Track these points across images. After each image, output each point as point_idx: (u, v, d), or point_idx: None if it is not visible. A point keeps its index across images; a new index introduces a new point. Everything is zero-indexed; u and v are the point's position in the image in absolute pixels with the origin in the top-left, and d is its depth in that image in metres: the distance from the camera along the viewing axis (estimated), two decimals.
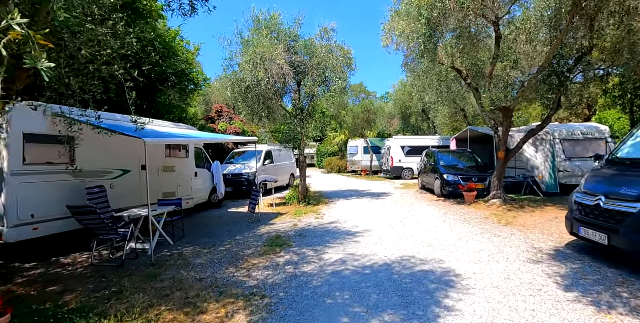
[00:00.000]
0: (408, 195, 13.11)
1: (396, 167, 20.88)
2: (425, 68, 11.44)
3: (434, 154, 13.61)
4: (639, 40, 8.54)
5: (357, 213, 9.54)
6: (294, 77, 10.58)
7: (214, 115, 16.57)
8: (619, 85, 13.29)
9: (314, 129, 11.11)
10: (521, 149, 10.74)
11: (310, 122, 11.20)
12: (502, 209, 9.53)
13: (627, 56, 9.10)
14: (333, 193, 14.33)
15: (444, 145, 20.75)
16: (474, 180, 11.28)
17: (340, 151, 33.49)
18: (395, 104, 23.43)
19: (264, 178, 11.39)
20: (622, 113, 22.28)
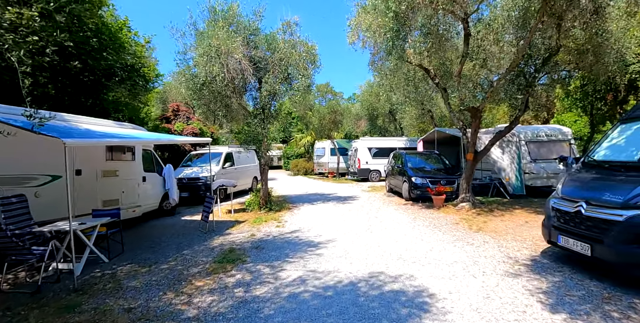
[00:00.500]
0: (375, 199, 12.62)
1: (363, 169, 20.47)
2: (393, 67, 11.00)
3: (402, 156, 13.22)
4: (605, 41, 8.45)
5: (321, 220, 8.88)
6: (254, 74, 9.80)
7: (170, 115, 15.43)
8: (580, 88, 13.45)
9: (277, 130, 10.34)
10: (489, 150, 10.48)
11: (272, 123, 10.43)
12: (471, 213, 9.18)
13: (591, 58, 9.03)
14: (298, 198, 13.62)
15: (411, 146, 20.57)
16: (442, 183, 10.93)
17: (307, 153, 32.84)
18: (362, 105, 23.07)
19: (221, 182, 10.50)
20: (578, 116, 23.05)
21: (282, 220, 9.06)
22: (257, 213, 10.15)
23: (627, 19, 8.99)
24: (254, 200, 10.90)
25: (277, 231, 7.80)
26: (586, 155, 5.77)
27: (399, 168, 12.76)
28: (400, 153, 13.85)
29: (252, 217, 9.56)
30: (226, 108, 10.38)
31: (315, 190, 16.49)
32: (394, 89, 12.19)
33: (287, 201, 12.66)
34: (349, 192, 15.00)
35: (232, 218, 9.67)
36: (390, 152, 20.84)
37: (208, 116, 10.61)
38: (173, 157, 15.29)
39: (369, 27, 8.85)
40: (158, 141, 9.84)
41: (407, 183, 11.59)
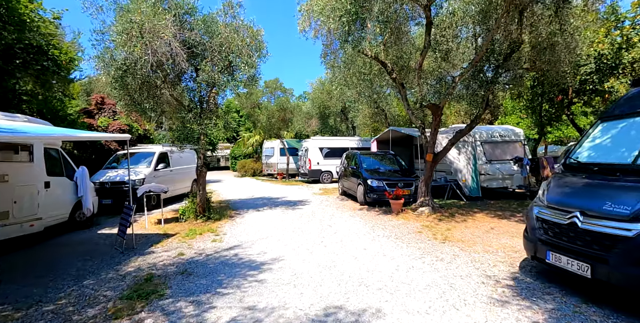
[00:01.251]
0: (328, 203, 11.60)
1: (314, 170, 19.45)
2: (347, 59, 10.07)
3: (356, 157, 12.34)
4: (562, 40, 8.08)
5: (267, 231, 7.64)
6: (188, 60, 8.33)
7: (92, 109, 13.31)
8: (530, 89, 13.41)
9: (216, 127, 8.93)
10: (449, 151, 9.87)
11: (211, 119, 9.00)
12: (432, 219, 8.43)
13: (549, 57, 8.69)
14: (242, 203, 12.23)
15: (364, 147, 19.90)
16: (400, 186, 10.15)
17: (255, 153, 31.25)
18: (313, 103, 22.07)
19: (147, 188, 8.87)
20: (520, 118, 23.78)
21: (220, 232, 7.70)
22: (193, 224, 8.68)
23: (583, 17, 8.78)
24: (189, 208, 9.38)
25: (213, 247, 6.45)
26: (567, 157, 5.10)
27: (353, 169, 11.86)
28: (353, 153, 12.97)
29: (185, 229, 8.08)
30: (154, 100, 8.79)
31: (262, 193, 15.15)
32: (348, 83, 11.25)
33: (230, 207, 11.25)
34: (299, 196, 13.86)
35: (160, 230, 8.12)
36: (342, 152, 20.04)
37: (131, 109, 8.93)
38: (97, 157, 13.21)
39: (322, 9, 7.77)
40: (52, 137, 7.90)
41: (362, 186, 10.69)
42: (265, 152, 25.87)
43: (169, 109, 9.27)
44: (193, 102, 8.92)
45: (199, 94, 8.85)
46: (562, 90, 12.58)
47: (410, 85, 9.90)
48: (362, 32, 7.60)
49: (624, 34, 10.40)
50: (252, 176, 27.57)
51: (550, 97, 13.35)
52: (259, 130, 25.26)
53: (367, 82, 10.59)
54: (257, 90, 20.63)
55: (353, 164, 12.25)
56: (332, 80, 10.97)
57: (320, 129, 26.60)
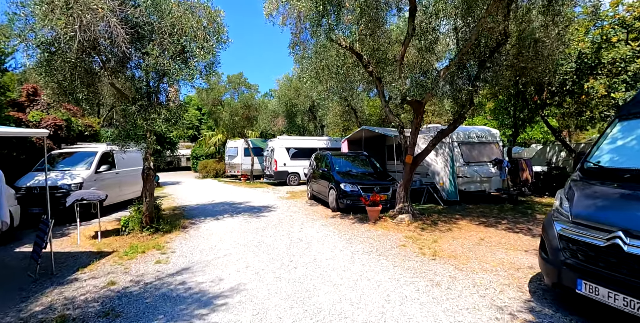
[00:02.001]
0: (297, 209, 10.50)
1: (280, 171, 18.28)
2: (320, 49, 9.05)
3: (326, 158, 11.33)
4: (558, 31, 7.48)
5: (226, 247, 6.43)
6: (131, 42, 6.97)
7: (23, 100, 11.44)
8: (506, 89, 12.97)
9: (165, 122, 7.56)
10: (430, 152, 9.07)
11: (160, 113, 7.63)
12: (414, 228, 7.57)
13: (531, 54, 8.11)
14: (200, 210, 10.87)
15: (333, 147, 18.99)
16: (376, 190, 9.23)
17: (217, 153, 29.58)
18: (280, 100, 20.86)
19: (79, 195, 7.36)
20: (486, 119, 23.79)
21: (168, 248, 6.40)
22: (137, 237, 7.30)
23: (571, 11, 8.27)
24: (133, 218, 7.97)
25: (155, 272, 5.17)
26: (584, 161, 4.32)
27: (324, 172, 10.84)
28: (324, 154, 11.96)
29: (125, 245, 6.71)
30: (90, 89, 7.33)
31: (223, 197, 13.80)
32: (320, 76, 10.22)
33: (185, 215, 9.87)
34: (264, 200, 12.66)
35: (95, 247, 6.69)
36: (310, 152, 18.99)
37: (61, 99, 7.41)
38: (28, 157, 11.34)
39: None
40: None
41: (334, 191, 9.68)
42: (228, 152, 24.36)
43: (110, 100, 7.81)
44: (139, 93, 7.53)
45: (146, 84, 7.48)
46: (538, 91, 12.21)
47: (388, 80, 9.01)
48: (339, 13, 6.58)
49: (603, 34, 10.07)
50: (214, 177, 25.95)
51: (525, 97, 12.98)
52: (222, 128, 23.71)
53: (340, 75, 9.60)
54: (220, 86, 19.17)
55: (323, 166, 11.23)
56: (302, 73, 9.88)
57: (286, 128, 25.41)
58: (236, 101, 19.11)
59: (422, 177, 12.73)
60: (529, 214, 9.21)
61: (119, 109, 7.58)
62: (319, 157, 12.44)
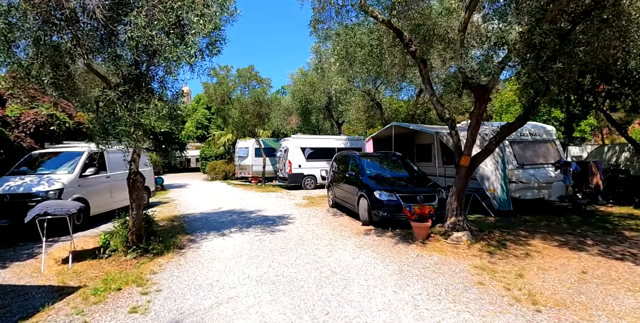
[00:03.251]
0: (319, 221, 8.74)
1: (295, 174, 16.56)
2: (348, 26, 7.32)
3: (353, 159, 9.57)
4: None
5: (231, 284, 4.69)
6: (110, 8, 5.31)
7: (1, 93, 9.95)
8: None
9: (156, 115, 5.86)
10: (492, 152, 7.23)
11: (149, 102, 5.93)
12: (479, 252, 5.75)
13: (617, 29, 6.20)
14: (204, 220, 9.19)
15: (353, 147, 17.23)
16: (419, 199, 7.43)
17: (227, 153, 28.04)
18: (294, 96, 19.15)
19: (43, 208, 5.69)
20: None
21: (153, 284, 4.69)
22: (118, 262, 5.64)
23: None
24: (118, 235, 6.32)
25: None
26: None
27: (351, 176, 9.05)
28: (349, 155, 10.18)
29: (100, 275, 5.04)
30: (58, 70, 5.69)
31: (232, 203, 12.12)
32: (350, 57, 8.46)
33: (185, 228, 8.20)
34: (279, 208, 10.93)
35: (59, 278, 5.03)
36: (328, 153, 17.29)
37: (22, 84, 5.81)
38: (9, 158, 9.83)
39: None
40: None
41: (365, 200, 7.89)
42: (238, 152, 22.77)
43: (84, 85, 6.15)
44: (124, 76, 5.87)
45: (130, 64, 5.81)
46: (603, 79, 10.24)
47: (435, 63, 7.22)
48: None
49: None
50: (223, 179, 24.40)
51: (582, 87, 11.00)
52: (231, 127, 22.11)
53: (374, 57, 7.82)
54: (228, 80, 17.55)
55: (349, 169, 9.45)
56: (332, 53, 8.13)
57: (300, 127, 23.72)
58: (246, 97, 17.44)
59: None
60: (611, 230, 7.30)
61: (96, 96, 5.91)
62: (342, 159, 10.68)
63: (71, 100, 6.52)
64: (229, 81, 17.53)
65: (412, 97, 15.70)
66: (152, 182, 12.32)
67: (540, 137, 10.28)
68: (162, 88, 6.51)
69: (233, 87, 17.78)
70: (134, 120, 5.63)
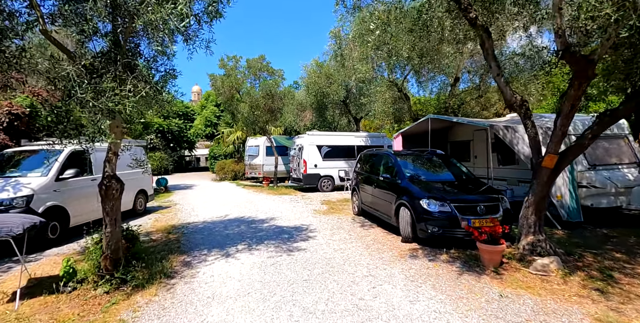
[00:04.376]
0: (346, 235, 7.10)
1: (311, 174, 14.94)
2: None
3: (388, 159, 7.92)
4: None
5: None
6: None
7: None
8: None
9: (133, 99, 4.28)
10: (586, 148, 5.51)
11: (125, 81, 4.33)
12: (588, 292, 4.04)
13: None
14: (206, 232, 7.63)
15: (373, 144, 15.57)
16: (480, 210, 5.75)
17: (237, 152, 26.58)
18: (308, 90, 17.50)
19: None
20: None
21: None
22: (81, 301, 4.10)
23: None
24: (89, 258, 4.80)
25: None
26: None
27: (385, 180, 7.35)
28: (381, 154, 8.51)
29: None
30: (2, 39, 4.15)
31: (241, 209, 10.57)
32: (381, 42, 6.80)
33: (181, 244, 6.63)
34: (295, 216, 9.33)
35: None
36: (347, 151, 15.65)
37: None
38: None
39: None
40: None
41: (407, 211, 6.21)
42: (248, 151, 21.28)
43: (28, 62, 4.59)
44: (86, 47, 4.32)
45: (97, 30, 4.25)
46: None
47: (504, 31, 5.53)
48: None
49: None
50: (232, 180, 22.94)
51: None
52: (240, 124, 20.60)
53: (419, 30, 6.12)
54: (237, 71, 16.00)
55: (382, 171, 7.79)
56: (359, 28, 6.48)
57: (314, 124, 22.07)
58: (257, 90, 15.87)
59: (513, 184, 9.20)
60: None
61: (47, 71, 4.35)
62: (370, 158, 9.03)
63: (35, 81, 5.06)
64: (238, 73, 15.99)
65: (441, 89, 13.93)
66: (151, 184, 10.83)
67: (610, 132, 8.47)
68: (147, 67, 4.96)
69: (242, 80, 16.23)
70: (103, 106, 4.06)
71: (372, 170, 8.46)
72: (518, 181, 9.28)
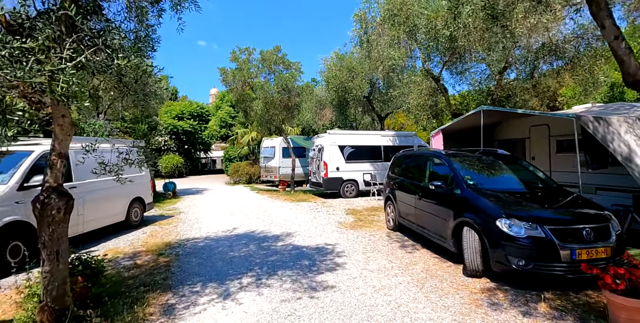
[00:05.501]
0: (386, 264, 5.41)
1: (333, 178, 13.29)
2: None
3: (438, 161, 6.19)
4: None
5: None
6: None
7: None
8: None
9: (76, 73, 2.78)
10: None
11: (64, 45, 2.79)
12: None
13: None
14: (205, 254, 6.06)
15: (402, 145, 13.84)
16: (587, 235, 3.98)
17: (252, 154, 25.18)
18: (328, 85, 15.86)
19: None
20: None
21: None
22: None
23: None
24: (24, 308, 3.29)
25: None
26: None
27: (437, 188, 5.54)
28: (429, 154, 6.74)
29: None
30: None
31: (252, 220, 9.01)
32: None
33: (170, 273, 5.07)
34: (316, 230, 7.69)
35: None
36: (372, 152, 13.96)
37: None
38: None
39: None
40: None
41: (473, 233, 4.48)
42: (263, 152, 19.83)
43: None
44: None
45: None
46: None
47: None
48: None
49: None
50: (246, 183, 21.51)
51: None
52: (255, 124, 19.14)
53: None
54: (250, 65, 14.51)
55: (430, 177, 6.08)
56: None
57: (333, 123, 20.43)
58: (272, 85, 14.34)
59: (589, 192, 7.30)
60: None
61: None
62: (408, 160, 7.33)
63: None
64: (252, 66, 14.48)
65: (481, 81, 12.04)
66: (149, 191, 9.38)
67: None
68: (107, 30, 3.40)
69: (256, 74, 14.72)
70: (30, 77, 2.54)
71: (413, 176, 6.74)
72: (595, 188, 7.39)
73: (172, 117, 31.97)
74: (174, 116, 32.07)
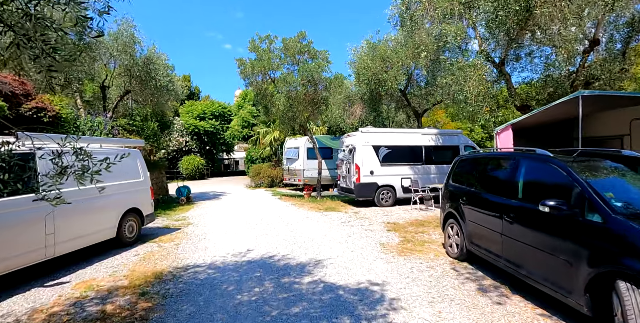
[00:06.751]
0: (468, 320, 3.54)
1: (366, 184, 11.43)
2: None
3: (537, 168, 4.22)
4: None
5: None
6: None
7: None
8: None
9: None
10: None
11: None
12: None
13: None
14: (203, 297, 4.37)
15: (446, 145, 11.88)
16: None
17: (274, 155, 23.62)
18: (359, 78, 13.99)
19: None
20: None
21: None
22: None
23: None
24: None
25: None
26: None
27: (553, 211, 3.57)
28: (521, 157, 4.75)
29: None
30: None
31: (271, 239, 7.29)
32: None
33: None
34: (353, 257, 5.88)
35: None
36: (412, 153, 12.04)
37: None
38: None
39: None
40: None
41: (637, 294, 2.57)
42: (287, 153, 18.20)
43: None
44: None
45: None
46: None
47: None
48: None
49: None
50: (268, 187, 19.94)
51: None
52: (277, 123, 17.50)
53: None
54: (272, 55, 12.85)
55: (525, 191, 4.16)
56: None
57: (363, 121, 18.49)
58: (296, 77, 12.64)
59: None
60: None
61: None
62: (481, 164, 5.43)
63: None
64: (273, 56, 12.81)
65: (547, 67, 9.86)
66: (149, 200, 7.81)
67: None
68: None
69: (277, 65, 13.06)
70: None
71: (492, 187, 4.81)
72: None
73: (194, 117, 30.92)
74: (196, 116, 31.03)
